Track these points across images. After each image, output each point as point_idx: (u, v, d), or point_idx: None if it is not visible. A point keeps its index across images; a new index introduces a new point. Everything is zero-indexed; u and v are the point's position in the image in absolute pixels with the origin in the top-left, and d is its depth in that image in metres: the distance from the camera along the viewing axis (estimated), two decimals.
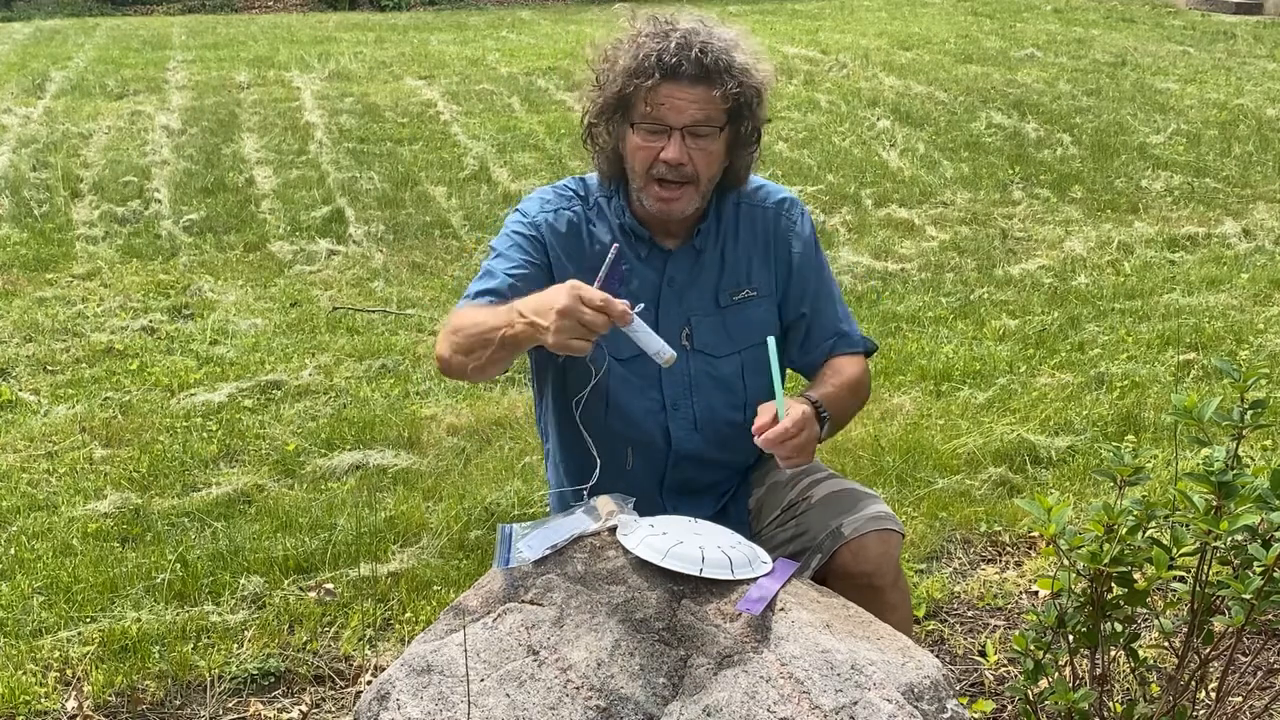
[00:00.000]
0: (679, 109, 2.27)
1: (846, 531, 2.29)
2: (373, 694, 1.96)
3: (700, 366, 2.42)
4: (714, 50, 2.26)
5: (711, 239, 2.44)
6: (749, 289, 2.45)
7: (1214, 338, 5.00)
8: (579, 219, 2.42)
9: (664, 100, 2.26)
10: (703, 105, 2.27)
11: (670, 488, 2.48)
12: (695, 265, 2.43)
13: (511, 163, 8.05)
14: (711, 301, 2.43)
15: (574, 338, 1.99)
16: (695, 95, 2.26)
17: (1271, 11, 14.41)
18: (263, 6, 17.61)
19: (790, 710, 1.84)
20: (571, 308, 1.97)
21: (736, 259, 2.44)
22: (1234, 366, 2.12)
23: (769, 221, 2.47)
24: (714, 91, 2.26)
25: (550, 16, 15.81)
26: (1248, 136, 8.47)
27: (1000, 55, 11.72)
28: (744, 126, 2.36)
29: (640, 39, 2.29)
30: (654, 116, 2.28)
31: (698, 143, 2.29)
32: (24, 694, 2.82)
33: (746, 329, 2.44)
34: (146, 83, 10.83)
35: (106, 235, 6.58)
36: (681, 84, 2.26)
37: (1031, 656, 2.21)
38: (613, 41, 2.35)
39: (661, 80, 2.25)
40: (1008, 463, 3.95)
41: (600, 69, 2.35)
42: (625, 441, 2.44)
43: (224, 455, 4.09)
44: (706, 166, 2.32)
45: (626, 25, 2.34)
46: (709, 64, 2.25)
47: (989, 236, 6.49)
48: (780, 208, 2.49)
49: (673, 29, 2.28)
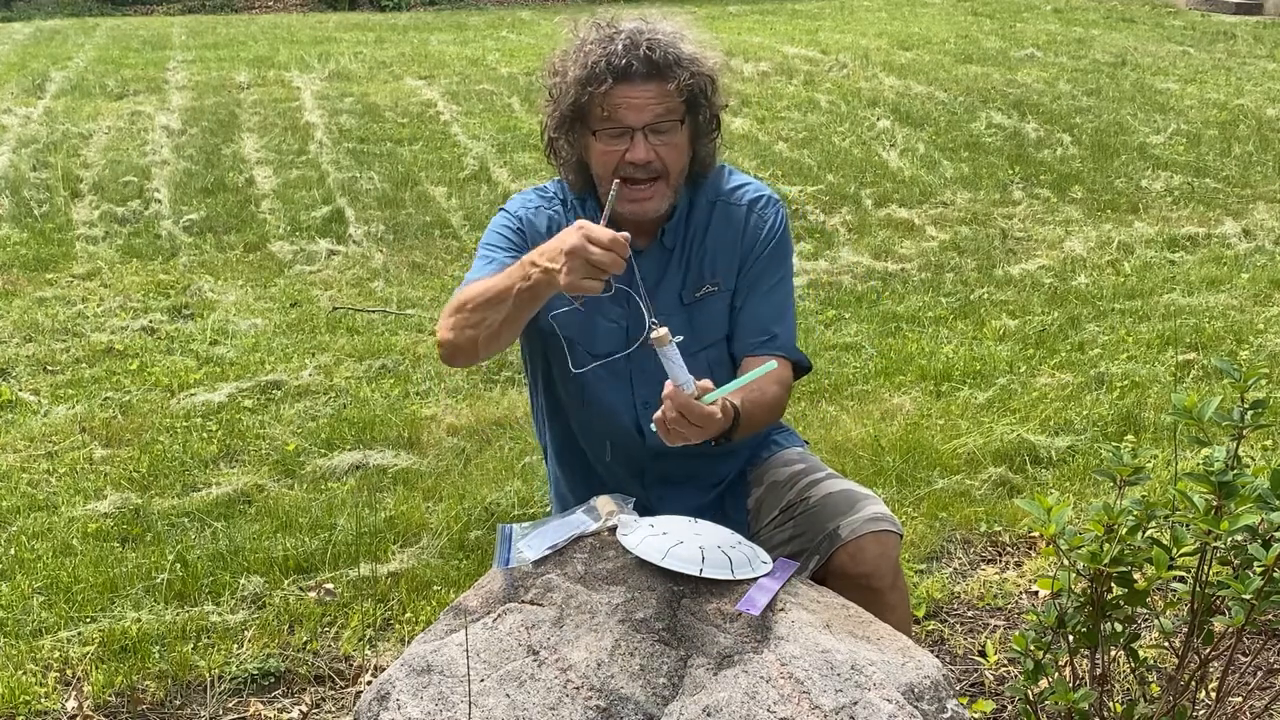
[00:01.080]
0: (636, 108, 2.27)
1: (844, 533, 2.29)
2: (373, 694, 1.96)
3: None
4: (661, 45, 2.26)
5: (680, 236, 2.44)
6: (710, 285, 2.44)
7: (1214, 338, 5.00)
8: (558, 219, 2.45)
9: (620, 102, 2.26)
10: (659, 100, 2.27)
11: (652, 480, 2.50)
12: (664, 263, 2.43)
13: (511, 163, 8.06)
14: (676, 299, 2.43)
15: (585, 277, 2.00)
16: (650, 92, 2.27)
17: (1271, 11, 14.41)
18: (263, 6, 17.60)
19: (790, 710, 1.84)
20: (580, 246, 1.98)
21: (703, 256, 2.44)
22: (1234, 366, 2.12)
23: (741, 219, 2.45)
24: (668, 85, 2.27)
25: (550, 16, 15.81)
26: (1248, 136, 8.47)
27: (1000, 55, 11.72)
28: (701, 115, 2.36)
29: (586, 46, 2.29)
30: (613, 120, 2.28)
31: (661, 138, 2.29)
32: (24, 694, 2.82)
33: (710, 325, 2.44)
34: (146, 83, 10.83)
35: (106, 235, 6.58)
36: (634, 83, 2.26)
37: (1031, 656, 2.21)
38: (560, 53, 2.35)
39: (614, 84, 2.25)
40: (1008, 463, 3.95)
41: (552, 83, 2.35)
42: (603, 435, 2.48)
43: (224, 455, 4.09)
44: (675, 160, 2.33)
45: (570, 36, 2.35)
46: (658, 59, 2.25)
47: (989, 236, 6.49)
48: (754, 206, 2.47)
49: (616, 31, 2.29)
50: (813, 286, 5.74)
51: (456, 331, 2.25)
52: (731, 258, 2.44)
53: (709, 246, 2.44)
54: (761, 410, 2.32)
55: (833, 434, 4.14)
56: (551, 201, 2.47)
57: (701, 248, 2.43)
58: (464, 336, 2.24)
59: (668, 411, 2.06)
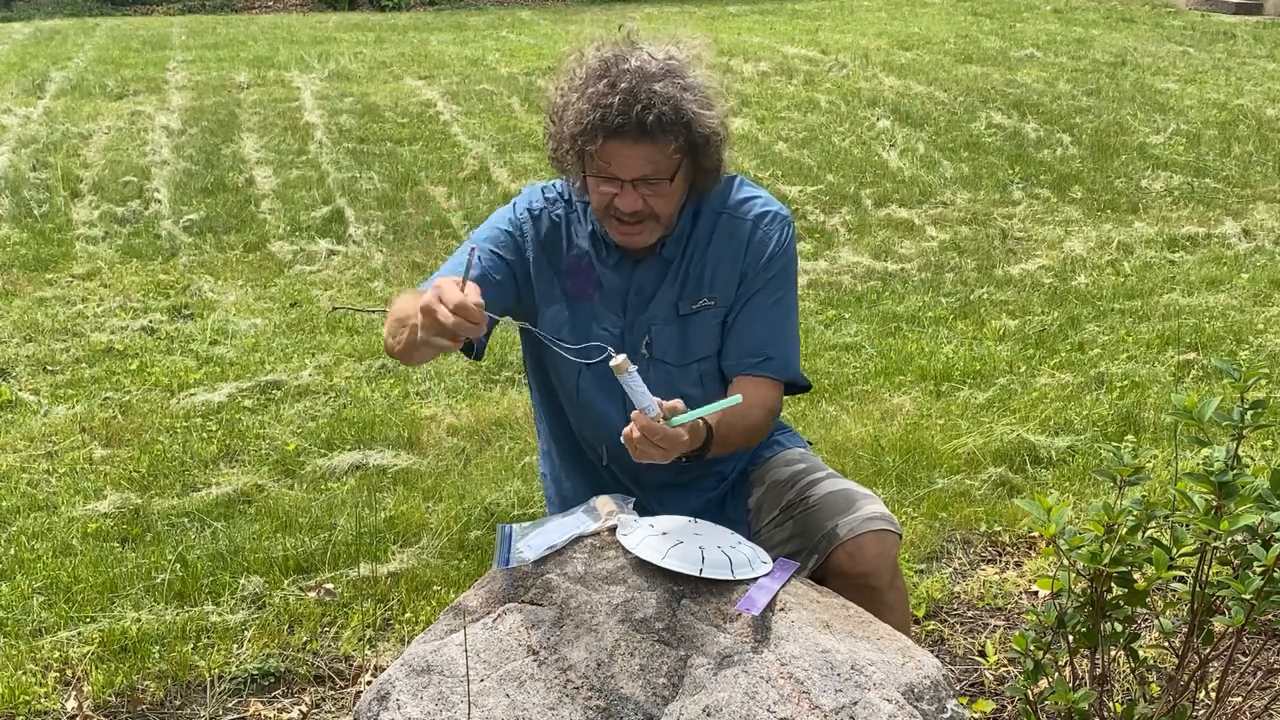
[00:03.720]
0: (625, 166, 2.25)
1: (843, 532, 2.29)
2: (373, 694, 1.96)
3: (659, 376, 2.40)
4: (657, 106, 2.20)
5: (680, 248, 2.42)
6: (707, 298, 2.41)
7: (1214, 338, 5.00)
8: (561, 220, 2.45)
9: (609, 159, 2.25)
10: (650, 159, 2.25)
11: (649, 485, 2.50)
12: (662, 275, 2.42)
13: (511, 163, 8.06)
14: (672, 310, 2.41)
15: (436, 334, 1.96)
16: (641, 152, 2.24)
17: (1271, 11, 14.41)
18: (263, 6, 17.60)
19: (790, 710, 1.84)
20: (429, 306, 1.95)
21: (702, 268, 2.41)
22: (1234, 366, 2.12)
23: (745, 234, 2.42)
24: (662, 145, 2.23)
25: (550, 16, 15.82)
26: (1248, 136, 8.47)
27: (1000, 55, 11.72)
28: (702, 160, 2.31)
29: (587, 91, 2.24)
30: (605, 172, 2.27)
31: (651, 189, 2.27)
32: (24, 694, 2.82)
33: (703, 339, 2.42)
34: (146, 83, 10.83)
35: (106, 235, 6.58)
36: (625, 142, 2.22)
37: (1031, 656, 2.21)
38: (564, 84, 2.31)
39: (605, 140, 2.22)
40: (1008, 463, 3.95)
41: (552, 112, 2.33)
42: (598, 440, 2.49)
43: (224, 455, 4.09)
44: (665, 206, 2.31)
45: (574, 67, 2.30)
46: (651, 123, 2.20)
47: (989, 236, 6.49)
48: (759, 221, 2.42)
49: (620, 74, 2.22)
50: (813, 286, 5.75)
51: (390, 336, 2.27)
52: (731, 272, 2.41)
53: (710, 259, 2.41)
54: (738, 434, 2.32)
55: (833, 434, 4.14)
56: (555, 203, 2.47)
57: (702, 260, 2.41)
58: (390, 342, 2.27)
59: (633, 431, 2.06)
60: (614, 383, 2.38)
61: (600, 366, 2.36)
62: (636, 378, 2.04)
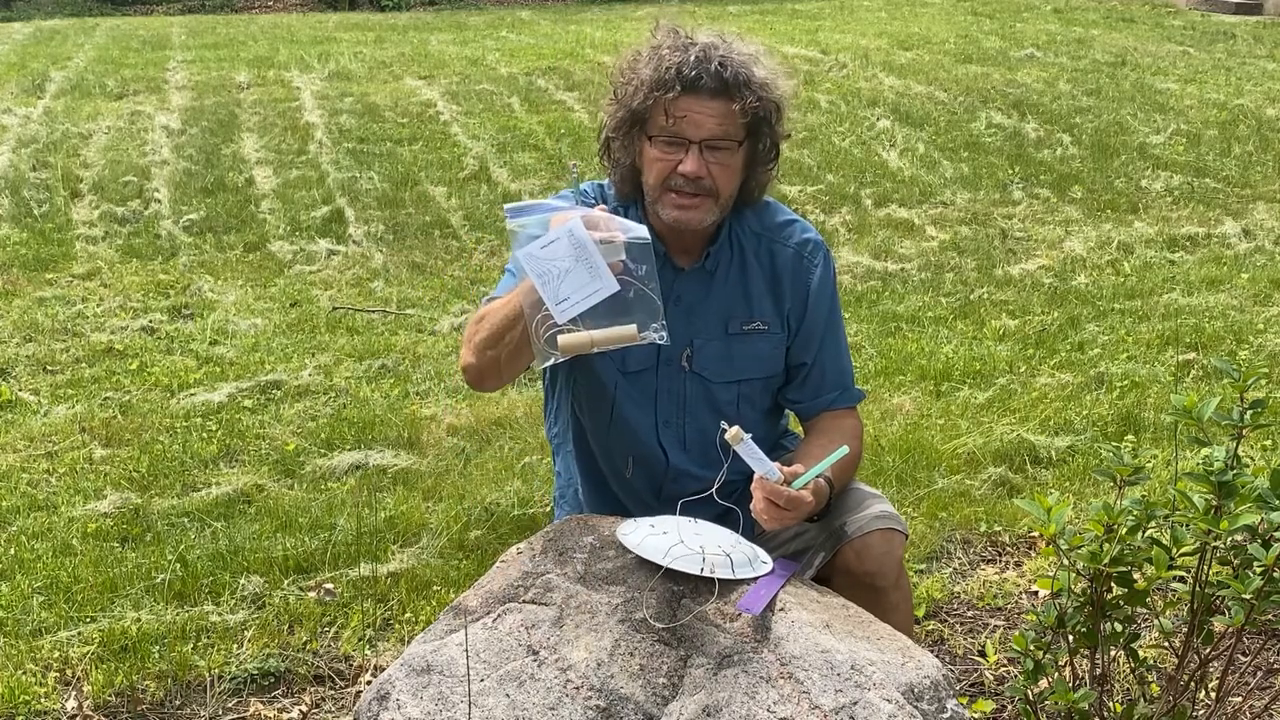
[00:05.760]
0: (697, 123, 2.25)
1: (850, 530, 2.29)
2: (373, 694, 1.96)
3: (696, 389, 2.41)
4: (733, 64, 2.25)
5: (725, 262, 2.42)
6: (760, 321, 2.42)
7: (1214, 338, 5.00)
8: None
9: (683, 113, 2.25)
10: (721, 120, 2.26)
11: (667, 498, 2.48)
12: (706, 287, 2.41)
13: (511, 163, 8.05)
14: (720, 327, 2.41)
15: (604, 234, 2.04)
16: (714, 109, 2.25)
17: (1271, 11, 14.40)
18: (263, 6, 17.60)
19: (790, 710, 1.84)
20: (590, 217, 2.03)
21: (749, 289, 2.42)
22: (1234, 366, 2.12)
23: (788, 261, 2.43)
24: (733, 105, 2.25)
25: (550, 16, 15.81)
26: (1248, 136, 8.47)
27: (1000, 55, 11.72)
28: (762, 143, 2.34)
29: (661, 51, 2.28)
30: (672, 130, 2.27)
31: (716, 156, 2.28)
32: (24, 694, 2.82)
33: (751, 361, 2.43)
34: (146, 83, 10.83)
35: (106, 235, 6.58)
36: (701, 97, 2.24)
37: (1031, 656, 2.21)
38: (632, 54, 2.34)
39: (682, 93, 2.24)
40: (1008, 463, 3.95)
41: (619, 82, 2.34)
42: (626, 452, 2.47)
43: (224, 455, 4.09)
44: (726, 181, 2.31)
45: (646, 39, 2.34)
46: (728, 78, 2.24)
47: (989, 236, 6.49)
48: (802, 249, 2.45)
49: (692, 43, 2.28)
50: None
51: (478, 354, 2.24)
52: (778, 300, 2.43)
53: (751, 280, 2.42)
54: (849, 473, 2.39)
55: None
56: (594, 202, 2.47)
57: (743, 278, 2.41)
58: (486, 358, 2.23)
59: (756, 500, 2.12)
60: (647, 394, 2.38)
61: (635, 377, 2.36)
62: (753, 445, 2.08)
